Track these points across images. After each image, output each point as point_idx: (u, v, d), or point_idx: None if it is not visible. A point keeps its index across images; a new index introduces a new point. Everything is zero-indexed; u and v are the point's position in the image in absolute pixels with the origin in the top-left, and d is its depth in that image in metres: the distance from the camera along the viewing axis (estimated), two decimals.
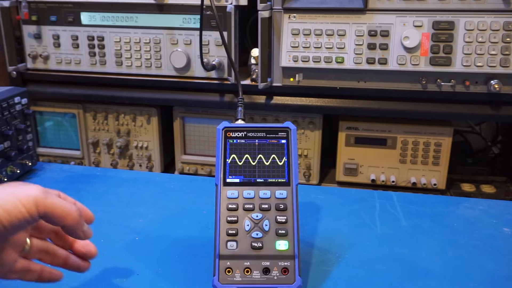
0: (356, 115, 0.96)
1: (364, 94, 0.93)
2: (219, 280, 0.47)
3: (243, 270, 0.47)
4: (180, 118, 1.06)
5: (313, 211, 0.64)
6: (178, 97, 1.01)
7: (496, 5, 0.84)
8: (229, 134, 0.53)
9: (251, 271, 0.47)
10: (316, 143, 1.01)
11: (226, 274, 0.47)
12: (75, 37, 1.02)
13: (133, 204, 0.67)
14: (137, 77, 1.01)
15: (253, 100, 0.97)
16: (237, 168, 0.51)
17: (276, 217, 0.49)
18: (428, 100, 0.91)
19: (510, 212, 0.63)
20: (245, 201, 0.50)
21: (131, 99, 1.03)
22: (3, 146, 0.68)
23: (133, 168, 1.11)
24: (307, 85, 0.93)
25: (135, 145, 1.09)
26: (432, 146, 0.96)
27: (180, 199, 0.68)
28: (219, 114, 1.03)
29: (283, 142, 0.52)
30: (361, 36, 0.88)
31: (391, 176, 0.99)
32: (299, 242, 0.48)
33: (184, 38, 0.97)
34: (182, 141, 1.08)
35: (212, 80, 0.98)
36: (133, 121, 1.08)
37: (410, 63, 0.87)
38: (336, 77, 0.92)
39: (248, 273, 0.47)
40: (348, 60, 0.89)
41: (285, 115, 1.00)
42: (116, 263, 0.53)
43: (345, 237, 0.58)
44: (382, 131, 0.97)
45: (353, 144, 0.99)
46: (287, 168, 0.51)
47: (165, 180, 0.77)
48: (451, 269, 0.52)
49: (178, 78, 1.00)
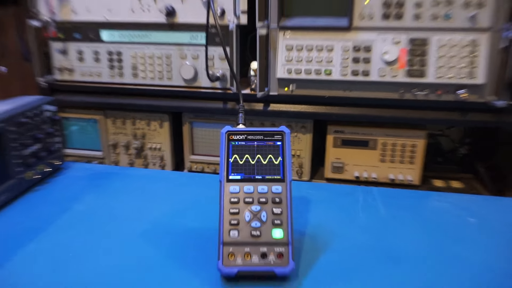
0: (342, 120, 0.97)
1: (349, 102, 0.93)
2: (223, 263, 0.47)
3: (243, 255, 0.47)
4: (189, 123, 1.06)
5: (304, 204, 0.64)
6: (187, 105, 1.01)
7: (464, 24, 0.84)
8: (232, 137, 0.53)
9: (250, 256, 0.47)
10: (307, 144, 1.01)
11: (229, 258, 0.47)
12: (97, 52, 1.02)
13: (148, 198, 0.67)
14: (151, 87, 1.01)
15: (252, 107, 0.97)
16: (238, 167, 0.51)
17: (273, 209, 0.49)
18: (405, 107, 0.92)
19: (475, 204, 0.63)
20: (245, 195, 0.50)
21: (146, 106, 1.03)
22: (35, 148, 0.68)
23: (148, 166, 1.11)
24: (300, 94, 0.93)
25: (149, 147, 1.09)
26: (408, 147, 0.96)
27: (188, 194, 0.68)
28: (223, 120, 1.03)
29: (278, 144, 0.52)
30: (347, 51, 0.88)
31: (373, 173, 0.99)
32: (292, 231, 0.48)
33: (192, 53, 0.97)
34: (190, 143, 1.08)
35: (217, 89, 0.98)
36: (147, 126, 1.08)
37: (390, 75, 0.87)
38: (325, 87, 0.92)
39: (248, 257, 0.47)
40: (335, 72, 0.89)
41: (280, 120, 1.00)
42: (133, 249, 0.53)
43: (332, 226, 0.58)
44: (365, 134, 0.97)
45: (339, 146, 0.99)
46: (282, 167, 0.51)
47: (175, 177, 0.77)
48: (423, 254, 0.52)
49: (186, 88, 1.00)
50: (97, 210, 0.62)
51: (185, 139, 1.07)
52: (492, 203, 0.63)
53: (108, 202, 0.65)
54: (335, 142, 0.99)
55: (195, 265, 0.50)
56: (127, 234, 0.56)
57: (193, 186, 0.71)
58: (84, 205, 0.64)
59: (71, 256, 0.52)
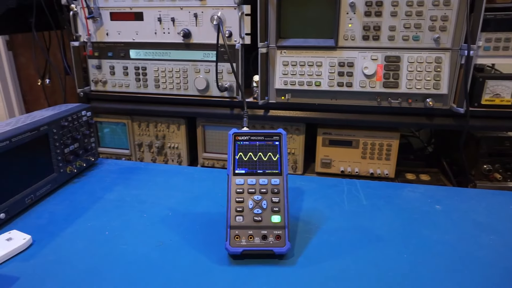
0: (330, 123, 0.97)
1: (335, 109, 0.93)
2: (230, 244, 0.47)
3: (247, 237, 0.47)
4: (201, 126, 1.06)
5: (298, 194, 0.64)
6: (200, 111, 1.01)
7: (430, 45, 0.84)
8: (237, 137, 0.52)
9: (253, 238, 0.47)
10: (300, 144, 1.01)
11: (235, 240, 0.47)
12: (125, 67, 1.02)
13: (167, 189, 0.66)
14: (170, 96, 1.01)
15: (255, 113, 0.97)
16: (243, 162, 0.51)
17: (272, 198, 0.49)
18: (382, 113, 0.92)
19: (440, 194, 0.62)
20: (249, 186, 0.49)
21: (166, 112, 1.03)
22: (74, 146, 0.68)
23: (167, 162, 1.11)
24: (294, 102, 0.93)
25: (168, 146, 1.09)
26: (385, 146, 0.96)
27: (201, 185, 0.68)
28: (230, 123, 1.03)
29: (276, 144, 0.52)
30: (333, 66, 0.88)
31: (355, 168, 0.99)
32: (288, 216, 0.48)
33: (204, 68, 0.97)
34: (203, 143, 1.08)
35: (225, 98, 0.98)
36: (167, 128, 1.08)
37: (369, 86, 0.87)
38: (315, 96, 0.92)
39: (251, 239, 0.47)
40: (324, 83, 0.89)
41: (278, 124, 1.00)
42: (155, 232, 0.53)
43: (321, 212, 0.58)
44: (349, 135, 0.97)
45: (327, 145, 0.99)
46: (279, 162, 0.51)
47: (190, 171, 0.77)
48: (397, 235, 0.52)
49: (200, 97, 1.00)
50: (125, 198, 0.62)
51: (198, 139, 1.07)
52: (454, 193, 0.62)
53: (135, 192, 0.65)
54: (323, 142, 0.99)
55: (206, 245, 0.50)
56: (150, 219, 0.56)
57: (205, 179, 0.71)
58: (114, 194, 0.64)
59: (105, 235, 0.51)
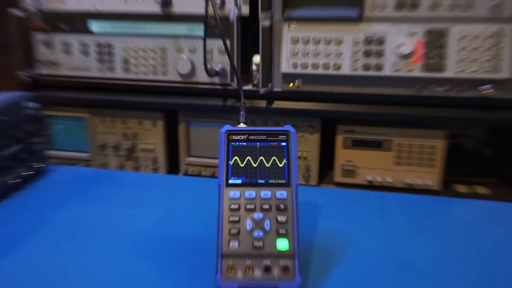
0: (353, 118, 0.96)
1: (360, 99, 0.92)
2: (222, 278, 0.46)
3: (244, 269, 0.46)
4: (185, 121, 1.05)
5: (312, 211, 0.64)
6: (183, 102, 1.00)
7: (486, 14, 0.83)
8: (232, 137, 0.52)
9: (252, 270, 0.46)
10: (315, 145, 1.00)
11: (228, 272, 0.46)
12: (85, 44, 1.01)
13: (139, 205, 0.66)
14: (144, 83, 1.01)
15: (254, 105, 0.97)
16: (239, 170, 0.51)
17: (277, 217, 0.48)
18: (422, 105, 0.91)
19: (503, 212, 0.62)
20: (246, 201, 0.49)
21: (138, 103, 1.02)
22: (15, 149, 0.67)
23: (139, 169, 1.10)
24: (306, 90, 0.93)
25: (141, 148, 1.09)
26: (427, 148, 0.95)
27: (184, 200, 0.67)
28: (222, 118, 1.02)
29: (283, 145, 0.51)
30: (357, 44, 0.87)
31: (387, 178, 0.98)
32: (299, 241, 0.47)
33: (188, 46, 0.96)
34: (187, 144, 1.07)
35: (216, 85, 0.98)
36: (139, 125, 1.07)
37: (405, 69, 0.86)
38: (334, 83, 0.91)
39: (249, 271, 0.46)
40: (345, 66, 0.88)
41: (285, 119, 0.99)
42: (122, 263, 0.52)
43: (343, 236, 0.57)
44: (378, 134, 0.96)
45: (350, 147, 0.98)
46: (287, 170, 0.50)
47: (169, 181, 0.76)
48: (445, 269, 0.51)
49: (183, 83, 0.99)
50: (82, 219, 0.61)
51: (180, 139, 1.07)
52: None
53: (95, 209, 0.64)
54: (345, 142, 0.98)
55: (189, 280, 0.49)
56: (115, 246, 0.55)
57: (189, 191, 0.70)
58: (68, 213, 0.63)
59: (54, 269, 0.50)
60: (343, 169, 1.00)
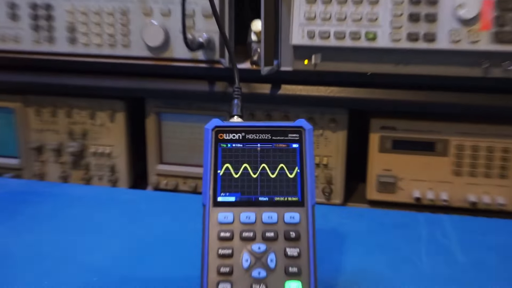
0: (394, 110, 0.96)
1: (404, 82, 0.93)
2: None
3: None
4: (155, 114, 1.05)
5: (336, 241, 0.64)
6: (152, 86, 1.01)
7: None
8: (222, 136, 0.52)
9: None
10: (339, 148, 1.00)
11: None
12: (13, 4, 1.02)
13: (90, 232, 0.66)
14: (97, 59, 1.01)
15: (253, 90, 0.97)
16: (232, 183, 0.51)
17: (286, 250, 0.48)
18: (492, 91, 0.91)
19: None
20: (243, 227, 0.49)
21: (89, 88, 1.03)
22: None
23: (91, 182, 1.10)
24: (327, 70, 0.93)
25: (93, 151, 1.09)
26: (498, 152, 0.95)
27: (154, 225, 0.67)
28: (208, 110, 1.03)
29: (294, 147, 0.52)
30: (400, 4, 0.88)
31: (442, 193, 0.98)
32: (316, 284, 0.47)
33: (161, 7, 0.97)
34: (158, 146, 1.07)
35: (199, 63, 0.98)
36: (91, 119, 1.07)
37: (467, 40, 0.87)
38: (367, 59, 0.91)
39: None
40: (382, 36, 0.89)
41: (298, 111, 1.00)
42: None
43: (379, 277, 0.57)
44: (429, 131, 0.97)
45: (389, 150, 0.99)
46: (300, 183, 0.51)
47: (134, 198, 0.76)
48: None
49: (152, 60, 0.99)
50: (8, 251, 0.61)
51: (149, 139, 1.07)
52: None
53: (28, 238, 0.64)
54: (382, 144, 0.99)
55: None
56: None
57: (161, 213, 0.70)
58: None
59: None
60: (379, 181, 1.00)
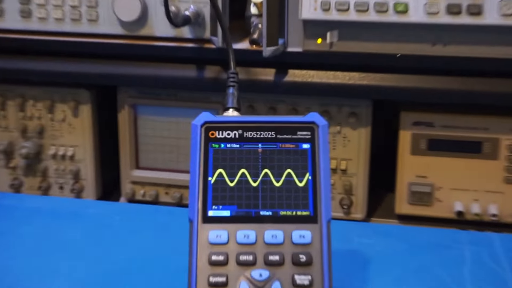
0: (429, 102, 0.97)
1: (441, 66, 0.93)
2: None
3: None
4: (130, 106, 1.06)
5: (357, 266, 0.64)
6: (126, 71, 1.01)
7: None
8: (213, 134, 0.52)
9: None
10: (361, 149, 1.01)
11: None
12: None
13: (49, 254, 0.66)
14: (56, 38, 1.01)
15: (253, 76, 0.98)
16: (226, 193, 0.51)
17: (294, 278, 0.49)
18: None
19: None
20: (240, 249, 0.49)
21: (46, 74, 1.03)
22: None
23: (49, 192, 1.11)
24: (346, 51, 0.93)
25: (52, 153, 1.09)
26: None
27: (128, 246, 0.68)
28: (196, 101, 1.03)
29: (305, 148, 0.52)
30: None
31: (491, 206, 0.99)
32: None
33: None
34: (133, 147, 1.08)
35: (184, 42, 0.98)
36: (49, 112, 1.08)
37: None
38: (395, 38, 0.92)
39: None
40: (415, 8, 0.89)
41: (309, 102, 1.01)
42: None
43: None
44: (475, 129, 0.98)
45: (424, 152, 0.99)
46: (311, 193, 0.51)
47: (103, 212, 0.77)
48: None
49: (126, 39, 1.00)
50: None
51: (122, 138, 1.08)
52: None
53: None
54: (415, 144, 0.99)
55: None
56: None
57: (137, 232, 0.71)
58: None
59: None
60: (411, 191, 1.00)
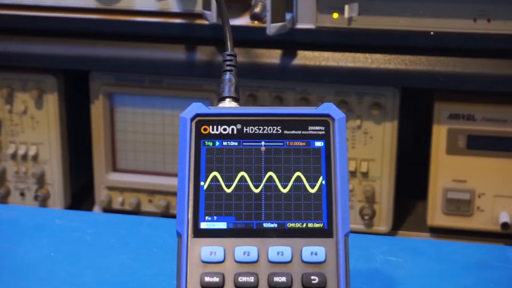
0: (469, 89, 0.97)
1: (485, 46, 0.94)
2: None
3: None
4: (105, 95, 1.06)
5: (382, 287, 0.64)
6: (101, 53, 1.02)
7: None
8: (206, 129, 0.52)
9: None
10: (386, 147, 1.02)
11: None
12: None
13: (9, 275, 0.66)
14: (18, 12, 1.02)
15: (256, 59, 0.98)
16: (222, 201, 0.51)
17: None
18: None
19: None
20: (239, 268, 0.49)
21: (5, 56, 1.04)
22: None
23: (8, 199, 1.11)
24: (367, 28, 0.94)
25: (11, 152, 1.10)
26: None
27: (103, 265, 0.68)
28: (185, 89, 1.04)
29: (318, 146, 0.52)
30: None
31: None
32: None
33: None
34: (109, 145, 1.08)
35: (171, 17, 0.99)
36: (7, 103, 1.09)
37: None
38: (427, 13, 0.92)
39: None
40: None
41: (322, 91, 1.01)
42: None
43: None
44: None
45: (463, 150, 1.00)
46: (326, 201, 0.51)
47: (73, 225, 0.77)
48: None
49: (100, 13, 1.01)
50: None
51: (95, 134, 1.08)
52: None
53: None
54: (452, 141, 1.00)
55: None
56: None
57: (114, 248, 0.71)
58: None
59: None
60: (447, 198, 1.01)
